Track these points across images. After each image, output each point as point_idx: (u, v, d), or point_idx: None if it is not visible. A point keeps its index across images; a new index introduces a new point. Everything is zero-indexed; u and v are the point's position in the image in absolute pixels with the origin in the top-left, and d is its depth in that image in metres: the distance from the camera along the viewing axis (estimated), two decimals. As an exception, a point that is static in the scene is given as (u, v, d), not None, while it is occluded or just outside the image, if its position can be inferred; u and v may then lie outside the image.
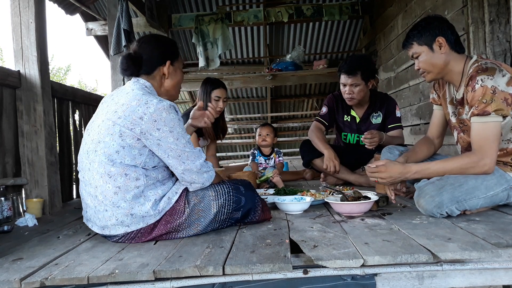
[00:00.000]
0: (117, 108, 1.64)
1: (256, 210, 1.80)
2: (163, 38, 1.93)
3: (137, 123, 1.59)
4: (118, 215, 1.60)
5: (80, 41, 47.16)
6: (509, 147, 1.83)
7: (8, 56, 14.67)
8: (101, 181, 1.60)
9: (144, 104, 1.61)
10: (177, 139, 1.63)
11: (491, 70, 1.75)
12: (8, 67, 2.46)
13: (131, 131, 1.59)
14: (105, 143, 1.61)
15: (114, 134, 1.60)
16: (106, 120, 1.65)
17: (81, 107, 3.36)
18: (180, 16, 5.91)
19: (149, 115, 1.59)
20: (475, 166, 1.77)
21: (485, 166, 1.75)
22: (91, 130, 1.71)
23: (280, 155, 3.20)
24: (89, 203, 1.68)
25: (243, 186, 1.80)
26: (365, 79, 2.92)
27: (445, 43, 1.85)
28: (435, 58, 1.87)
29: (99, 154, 1.61)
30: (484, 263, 1.31)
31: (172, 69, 1.81)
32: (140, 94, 1.66)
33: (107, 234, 1.66)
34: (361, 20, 6.63)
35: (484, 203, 1.78)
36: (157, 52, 1.78)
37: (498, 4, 2.89)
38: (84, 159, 1.69)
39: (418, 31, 1.89)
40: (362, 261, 1.29)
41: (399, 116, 3.08)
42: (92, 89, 15.47)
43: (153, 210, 1.62)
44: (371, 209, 2.00)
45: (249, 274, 1.29)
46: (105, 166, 1.60)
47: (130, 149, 1.60)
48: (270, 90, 8.23)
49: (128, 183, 1.59)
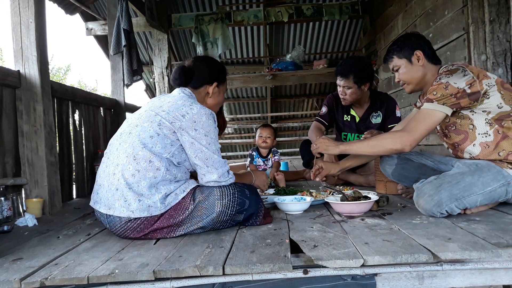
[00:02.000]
0: (163, 104, 1.80)
1: (258, 215, 1.81)
2: (217, 62, 2.05)
3: (178, 119, 1.72)
4: (127, 197, 1.64)
5: (80, 41, 47.23)
6: (488, 140, 1.86)
7: (8, 56, 14.68)
8: (125, 160, 1.68)
9: (189, 106, 1.76)
10: (209, 144, 1.75)
11: (453, 70, 1.86)
12: (8, 67, 2.46)
13: (170, 124, 1.72)
14: (143, 127, 1.73)
15: (154, 122, 1.73)
16: (149, 110, 1.80)
17: (81, 107, 3.36)
18: (180, 16, 5.91)
19: (191, 115, 1.73)
20: (394, 138, 1.91)
21: (402, 142, 1.87)
22: (131, 118, 1.88)
23: (276, 154, 3.19)
24: (104, 183, 1.72)
25: (248, 190, 1.82)
26: (357, 82, 2.92)
27: (422, 56, 1.99)
28: (414, 70, 2.01)
29: (133, 136, 1.73)
30: (484, 263, 1.31)
31: (217, 90, 1.98)
32: (187, 97, 1.83)
33: (111, 215, 1.68)
34: (361, 20, 6.63)
35: (483, 199, 1.79)
36: (208, 71, 1.96)
37: (498, 4, 2.89)
38: (115, 141, 1.81)
39: (398, 45, 2.04)
40: (362, 261, 1.29)
41: (399, 116, 3.08)
42: (92, 89, 15.48)
43: (160, 203, 1.66)
44: (371, 209, 2.00)
45: (249, 274, 1.29)
46: (135, 148, 1.69)
47: (164, 138, 1.71)
48: (270, 90, 8.24)
49: (148, 169, 1.66)
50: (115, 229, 1.71)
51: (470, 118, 1.88)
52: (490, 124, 1.85)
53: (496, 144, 1.85)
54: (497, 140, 1.85)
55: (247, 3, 6.20)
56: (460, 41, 3.22)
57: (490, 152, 1.86)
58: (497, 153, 1.85)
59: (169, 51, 5.64)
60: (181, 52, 7.42)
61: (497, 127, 1.84)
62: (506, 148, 1.83)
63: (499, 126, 1.84)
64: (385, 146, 1.94)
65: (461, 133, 1.93)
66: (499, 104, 1.82)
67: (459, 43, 3.23)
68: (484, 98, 1.82)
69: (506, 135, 1.83)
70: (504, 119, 1.83)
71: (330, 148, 2.13)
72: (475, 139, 1.89)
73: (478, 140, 1.88)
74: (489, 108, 1.83)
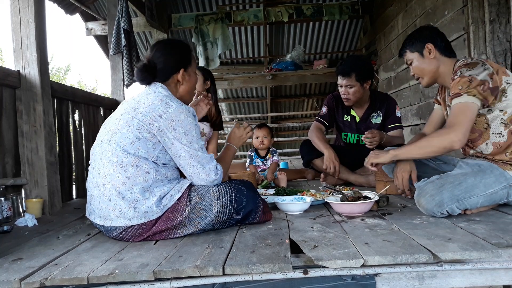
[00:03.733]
0: (139, 105, 1.72)
1: (257, 211, 1.80)
2: (176, 44, 1.90)
3: (155, 119, 1.65)
4: (122, 207, 1.62)
5: (80, 41, 47.19)
6: (501, 141, 1.85)
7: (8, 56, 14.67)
8: (112, 169, 1.64)
9: (165, 104, 1.68)
10: (190, 142, 1.69)
11: (472, 64, 1.84)
12: (8, 67, 2.46)
13: (148, 127, 1.65)
14: (122, 133, 1.66)
15: (132, 126, 1.66)
16: (125, 114, 1.72)
17: (81, 107, 3.36)
18: (180, 16, 5.91)
19: (168, 115, 1.66)
20: (440, 136, 1.84)
21: (449, 138, 1.79)
22: (108, 123, 1.77)
23: (275, 155, 3.18)
24: (95, 194, 1.69)
25: (245, 187, 1.81)
26: (360, 80, 2.93)
27: (434, 49, 1.99)
28: (426, 63, 2.01)
29: (113, 144, 1.67)
30: (484, 263, 1.31)
31: (186, 75, 1.86)
32: (162, 95, 1.74)
33: (108, 226, 1.67)
34: (361, 20, 6.63)
35: (484, 201, 1.79)
36: (171, 60, 1.82)
37: (498, 3, 2.89)
38: (97, 150, 1.74)
39: (410, 39, 2.06)
40: (362, 261, 1.29)
41: (399, 116, 3.08)
42: (92, 89, 15.47)
43: (156, 206, 1.64)
44: (371, 209, 2.00)
45: (249, 274, 1.29)
46: (118, 155, 1.64)
47: (145, 142, 1.65)
48: (270, 90, 8.23)
49: (138, 174, 1.63)
50: (112, 236, 1.70)
51: (486, 117, 1.86)
52: (505, 124, 1.83)
53: (508, 145, 1.84)
54: (510, 141, 1.83)
55: (247, 3, 6.19)
56: (460, 41, 3.22)
57: (500, 152, 1.86)
58: (505, 153, 1.84)
59: (169, 51, 5.63)
60: (181, 52, 7.40)
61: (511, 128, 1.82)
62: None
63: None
64: (434, 146, 1.85)
65: (475, 131, 1.90)
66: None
67: (459, 43, 3.23)
68: (502, 96, 1.79)
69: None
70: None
71: (381, 156, 2.07)
72: (489, 138, 1.87)
73: (491, 139, 1.87)
74: (506, 107, 1.81)
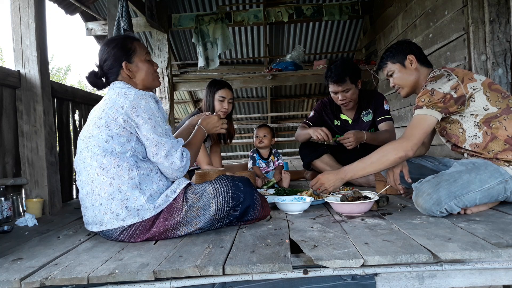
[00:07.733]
0: (101, 105, 1.75)
1: (256, 206, 1.81)
2: (111, 42, 1.84)
3: (118, 112, 1.65)
4: (113, 208, 1.62)
5: (80, 41, 47.24)
6: (478, 142, 1.90)
7: (8, 56, 14.68)
8: (95, 174, 1.65)
9: (124, 95, 1.68)
10: (155, 127, 1.68)
11: (437, 76, 1.93)
12: (8, 67, 2.46)
13: (115, 121, 1.65)
14: (94, 136, 1.68)
15: (101, 126, 1.67)
16: (93, 118, 1.75)
17: (81, 107, 3.36)
18: (180, 16, 5.91)
19: (129, 103, 1.66)
20: (395, 147, 1.93)
21: (403, 148, 1.90)
22: (82, 133, 1.78)
23: (279, 158, 3.19)
24: (87, 204, 1.70)
25: (241, 183, 1.80)
26: (354, 82, 3.02)
27: (415, 60, 2.08)
28: (407, 73, 2.10)
29: (90, 149, 1.67)
30: (484, 263, 1.31)
31: (133, 66, 1.82)
32: (120, 88, 1.75)
33: (104, 230, 1.67)
34: (361, 20, 6.63)
35: (482, 197, 1.80)
36: (111, 59, 1.80)
37: (498, 4, 2.89)
38: (79, 161, 1.75)
39: (390, 52, 2.15)
40: (362, 261, 1.29)
41: (387, 109, 3.11)
42: (92, 89, 15.45)
43: (148, 204, 1.63)
44: (371, 209, 2.00)
45: (249, 274, 1.29)
46: (98, 159, 1.65)
47: (118, 138, 1.66)
48: (270, 90, 8.24)
49: (121, 173, 1.63)
50: (112, 239, 1.70)
51: (459, 122, 1.93)
52: (478, 126, 1.89)
53: (485, 146, 1.88)
54: (486, 141, 1.88)
55: (247, 3, 6.19)
56: (460, 41, 3.22)
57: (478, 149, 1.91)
58: (487, 152, 1.88)
59: (169, 51, 5.63)
60: (181, 52, 7.42)
61: (485, 129, 1.88)
62: (494, 149, 1.86)
63: (487, 127, 1.87)
64: (389, 158, 1.94)
65: (452, 136, 1.99)
66: (485, 106, 1.86)
67: (459, 43, 3.23)
68: (470, 102, 1.87)
69: (495, 136, 1.86)
70: (492, 121, 1.86)
71: (336, 184, 2.10)
72: (465, 141, 1.94)
73: (468, 142, 1.93)
74: (476, 111, 1.88)
